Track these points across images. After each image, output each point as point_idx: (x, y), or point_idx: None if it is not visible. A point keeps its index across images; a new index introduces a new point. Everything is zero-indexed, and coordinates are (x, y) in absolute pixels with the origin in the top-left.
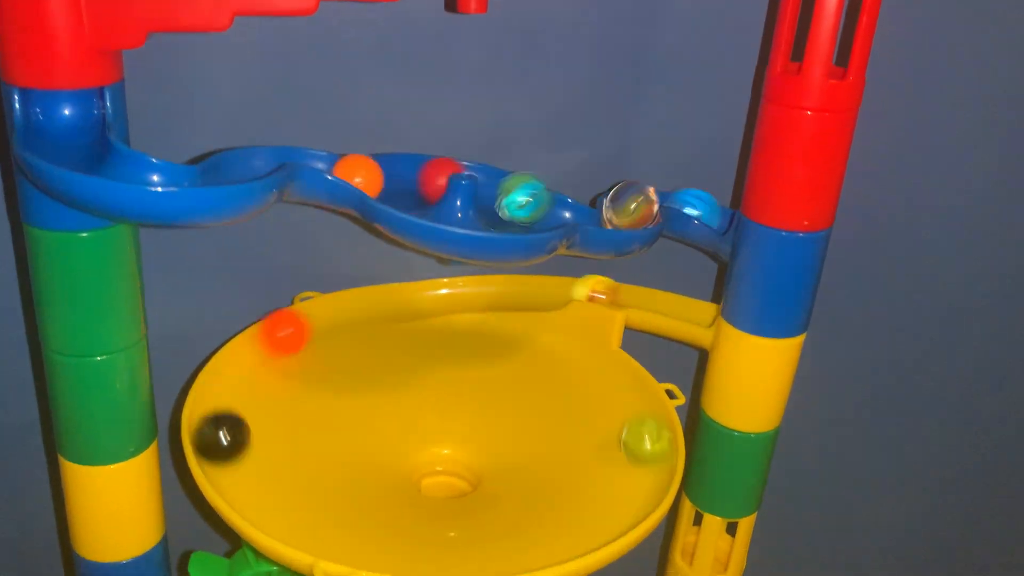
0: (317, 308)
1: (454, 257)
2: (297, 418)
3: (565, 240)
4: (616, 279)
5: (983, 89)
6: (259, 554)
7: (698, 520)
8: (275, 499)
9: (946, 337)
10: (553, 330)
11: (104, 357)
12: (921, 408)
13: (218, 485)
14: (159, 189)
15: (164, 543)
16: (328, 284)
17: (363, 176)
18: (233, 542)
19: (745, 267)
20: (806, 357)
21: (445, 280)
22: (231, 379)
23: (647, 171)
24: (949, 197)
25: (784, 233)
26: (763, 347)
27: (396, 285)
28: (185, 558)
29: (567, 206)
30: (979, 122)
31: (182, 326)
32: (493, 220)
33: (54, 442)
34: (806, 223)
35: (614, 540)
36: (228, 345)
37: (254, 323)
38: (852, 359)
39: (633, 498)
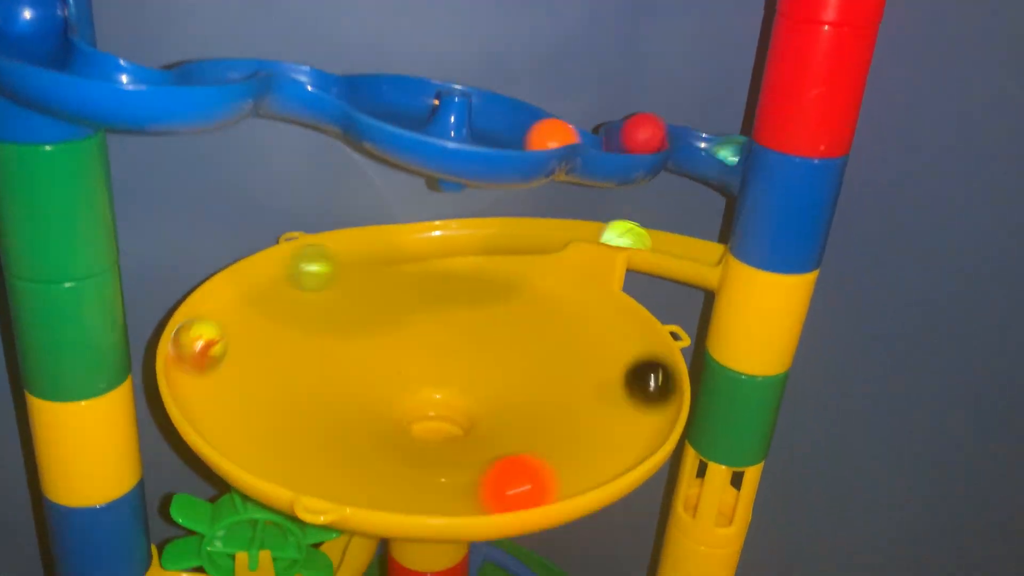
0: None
1: (446, 176)
2: (281, 359)
3: (565, 163)
4: (618, 217)
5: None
6: (246, 499)
7: (702, 472)
8: (257, 440)
9: (965, 279)
10: (551, 273)
11: (72, 284)
12: (939, 353)
13: (197, 425)
14: (129, 87)
15: (140, 487)
16: (315, 224)
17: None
18: (218, 486)
19: (756, 198)
20: (819, 297)
21: (438, 223)
22: (210, 317)
23: (655, 101)
24: (972, 131)
25: (798, 159)
26: (774, 284)
27: (387, 227)
28: (166, 503)
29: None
30: (1007, 46)
31: (159, 265)
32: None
33: (20, 377)
34: (822, 148)
35: (613, 480)
36: (208, 283)
37: (236, 262)
38: (865, 300)
39: (635, 442)
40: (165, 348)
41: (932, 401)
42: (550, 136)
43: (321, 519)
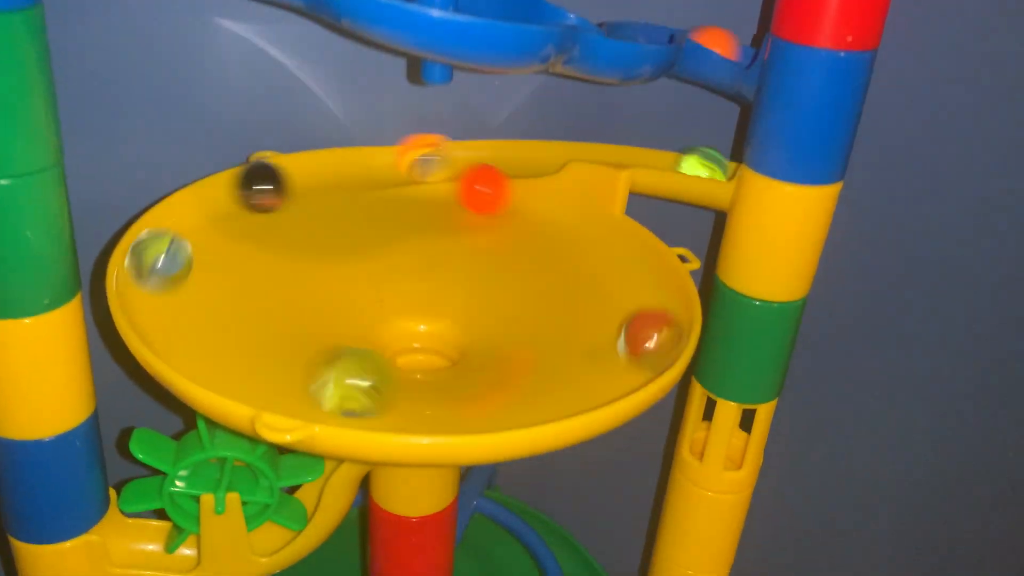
0: None
1: (430, 53)
2: (250, 284)
3: (562, 50)
4: (619, 141)
5: None
6: (213, 434)
7: (708, 415)
8: (221, 365)
9: (995, 200)
10: (547, 197)
11: (8, 181)
12: (966, 280)
13: (153, 346)
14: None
15: (94, 421)
16: (288, 143)
17: None
18: (186, 423)
19: (775, 99)
20: (839, 218)
21: None
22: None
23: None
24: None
25: (823, 52)
26: (794, 196)
27: (366, 149)
28: (126, 440)
29: (566, 17)
30: None
31: (114, 184)
32: None
33: None
34: (849, 39)
35: (612, 402)
36: (168, 199)
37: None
38: (888, 220)
39: (636, 372)
40: (119, 262)
41: (954, 338)
42: None
43: (287, 437)
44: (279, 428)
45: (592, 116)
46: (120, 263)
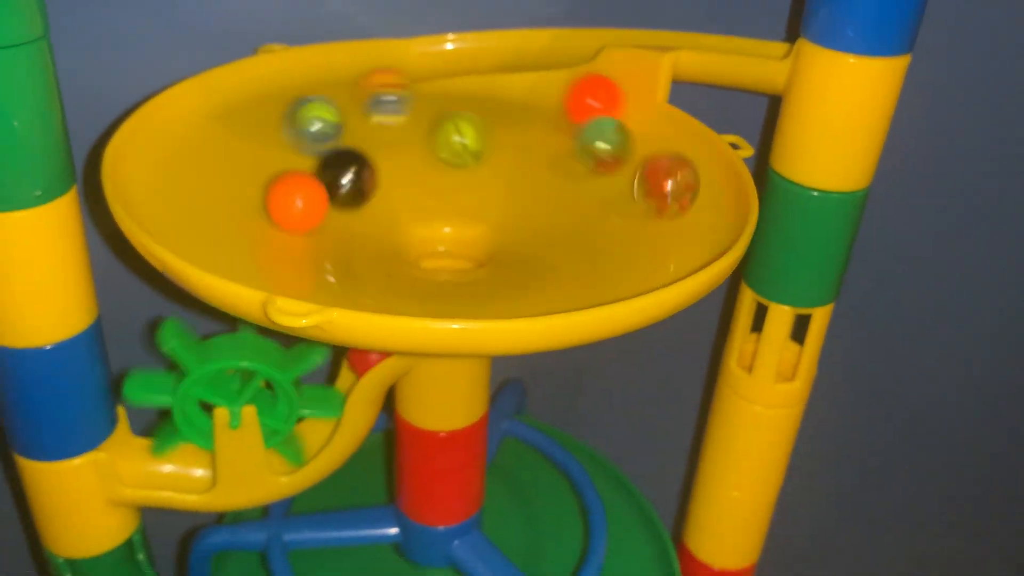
0: (284, 64)
1: None
2: (259, 179)
3: None
4: (660, 26)
5: None
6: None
7: (758, 327)
8: (232, 260)
9: None
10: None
11: None
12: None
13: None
14: None
15: (97, 328)
16: (299, 36)
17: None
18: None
19: None
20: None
21: (448, 36)
22: (170, 125)
23: None
24: None
25: None
26: (859, 69)
27: (386, 42)
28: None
29: None
30: None
31: (106, 80)
32: None
33: None
34: None
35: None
36: (169, 90)
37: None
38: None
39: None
40: (116, 152)
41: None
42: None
43: (303, 321)
44: (294, 312)
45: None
46: (118, 153)
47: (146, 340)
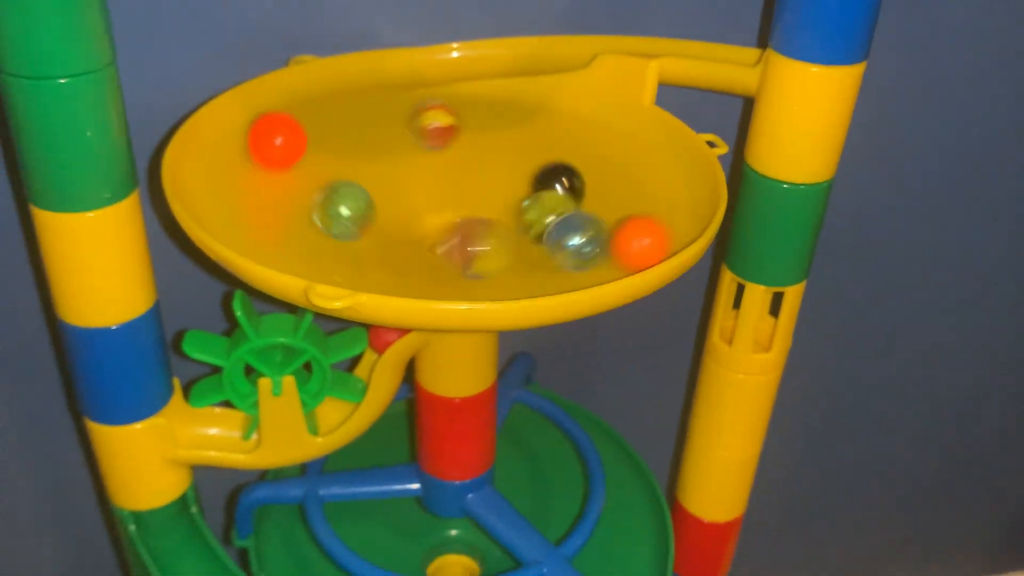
0: (315, 73)
1: None
2: (297, 179)
3: None
4: (646, 32)
5: None
6: (260, 325)
7: (738, 303)
8: (273, 250)
9: None
10: (576, 91)
11: (67, 80)
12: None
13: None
14: None
15: (155, 311)
16: (326, 46)
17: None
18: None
19: None
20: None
21: (455, 44)
22: (218, 132)
23: None
24: None
25: None
26: (820, 77)
27: (403, 50)
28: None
29: None
30: None
31: (154, 94)
32: None
33: (24, 191)
34: None
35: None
36: (212, 102)
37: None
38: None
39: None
40: (174, 156)
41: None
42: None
43: (337, 304)
44: (330, 296)
45: (620, 7)
46: (175, 157)
47: (198, 322)
